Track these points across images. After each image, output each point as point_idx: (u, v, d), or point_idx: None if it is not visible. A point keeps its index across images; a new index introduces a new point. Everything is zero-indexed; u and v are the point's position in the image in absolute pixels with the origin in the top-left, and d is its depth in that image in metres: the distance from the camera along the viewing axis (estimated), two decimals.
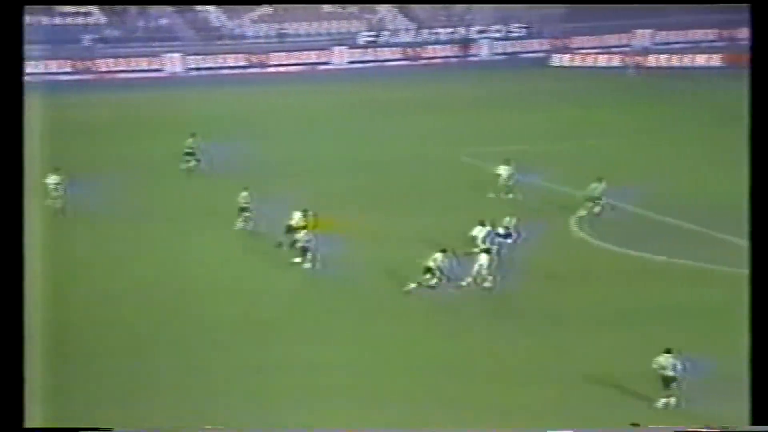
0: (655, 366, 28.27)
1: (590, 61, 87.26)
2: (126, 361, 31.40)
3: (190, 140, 52.42)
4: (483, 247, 37.21)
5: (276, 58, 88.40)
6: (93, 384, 30.07)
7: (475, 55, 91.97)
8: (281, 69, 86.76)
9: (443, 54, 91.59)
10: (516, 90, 76.95)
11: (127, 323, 34.25)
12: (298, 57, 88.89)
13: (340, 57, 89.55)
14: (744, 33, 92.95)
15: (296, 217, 40.06)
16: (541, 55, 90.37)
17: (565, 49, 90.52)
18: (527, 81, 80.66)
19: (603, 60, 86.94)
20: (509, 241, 38.66)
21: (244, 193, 43.73)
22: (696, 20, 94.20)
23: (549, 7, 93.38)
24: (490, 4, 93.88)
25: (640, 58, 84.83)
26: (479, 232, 37.90)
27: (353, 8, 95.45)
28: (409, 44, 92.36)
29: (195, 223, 44.18)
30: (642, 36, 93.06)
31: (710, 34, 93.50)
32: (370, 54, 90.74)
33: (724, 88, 73.89)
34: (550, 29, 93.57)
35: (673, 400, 28.05)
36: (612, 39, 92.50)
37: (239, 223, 43.37)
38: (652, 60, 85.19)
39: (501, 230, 38.64)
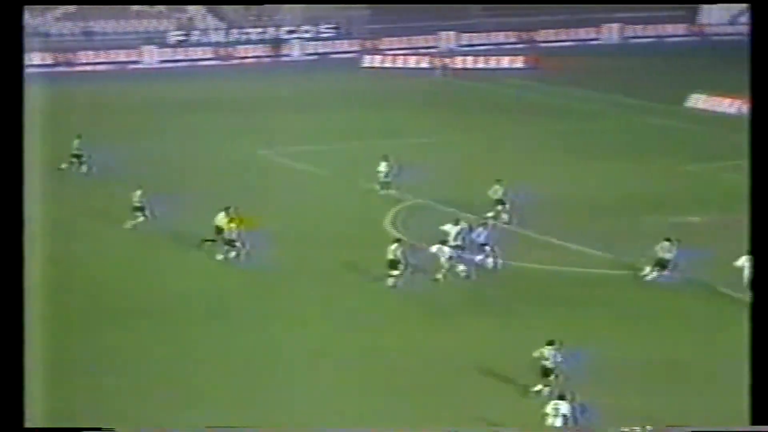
0: (536, 356, 29.42)
1: (400, 62, 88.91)
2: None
3: (77, 142, 52.33)
4: (454, 243, 38.33)
5: (84, 56, 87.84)
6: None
7: (287, 55, 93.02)
8: (88, 68, 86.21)
9: (255, 54, 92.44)
10: (328, 90, 78.21)
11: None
12: (106, 56, 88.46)
13: (151, 56, 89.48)
14: (542, 35, 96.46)
15: (220, 216, 40.39)
16: (352, 56, 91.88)
17: (375, 51, 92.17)
18: (339, 81, 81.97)
19: (412, 61, 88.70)
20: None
21: (138, 192, 43.61)
22: (498, 23, 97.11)
23: (357, 7, 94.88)
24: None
25: (447, 60, 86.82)
26: (452, 229, 38.92)
27: (162, 7, 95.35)
28: (219, 44, 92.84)
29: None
30: (447, 38, 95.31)
31: (512, 36, 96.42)
32: (180, 53, 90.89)
33: (527, 89, 76.92)
34: (359, 30, 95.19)
35: (547, 389, 29.04)
36: (419, 41, 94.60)
37: (130, 223, 43.43)
38: (459, 62, 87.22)
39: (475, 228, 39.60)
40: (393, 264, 37.36)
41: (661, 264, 37.87)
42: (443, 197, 47.98)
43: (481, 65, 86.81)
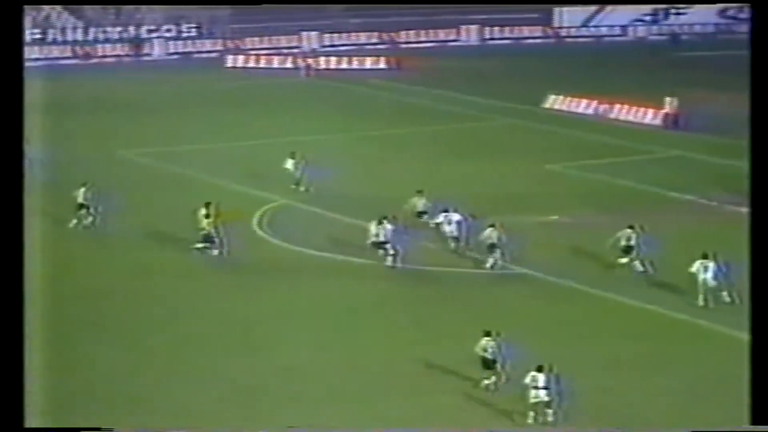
0: (476, 349, 30.30)
1: (263, 63, 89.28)
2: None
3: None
4: (377, 240, 40.08)
5: None
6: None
7: (148, 55, 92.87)
8: None
9: (114, 53, 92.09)
10: (190, 90, 78.36)
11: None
12: None
13: None
14: (403, 36, 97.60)
15: (201, 213, 40.83)
16: (215, 55, 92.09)
17: (238, 51, 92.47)
18: (202, 82, 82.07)
19: (276, 61, 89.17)
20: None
21: (82, 189, 43.48)
22: (360, 24, 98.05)
23: (220, 6, 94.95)
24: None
25: (310, 60, 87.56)
26: (380, 228, 40.08)
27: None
28: (77, 42, 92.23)
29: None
30: (309, 39, 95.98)
31: (373, 36, 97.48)
32: (36, 52, 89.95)
33: (389, 90, 78.01)
34: (222, 30, 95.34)
35: (493, 379, 29.96)
36: (282, 41, 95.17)
37: (75, 222, 43.34)
38: (322, 62, 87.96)
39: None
40: (380, 245, 39.73)
41: (627, 252, 39.62)
42: (309, 198, 48.99)
43: (344, 66, 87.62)
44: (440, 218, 41.94)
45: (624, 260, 39.74)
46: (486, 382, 30.20)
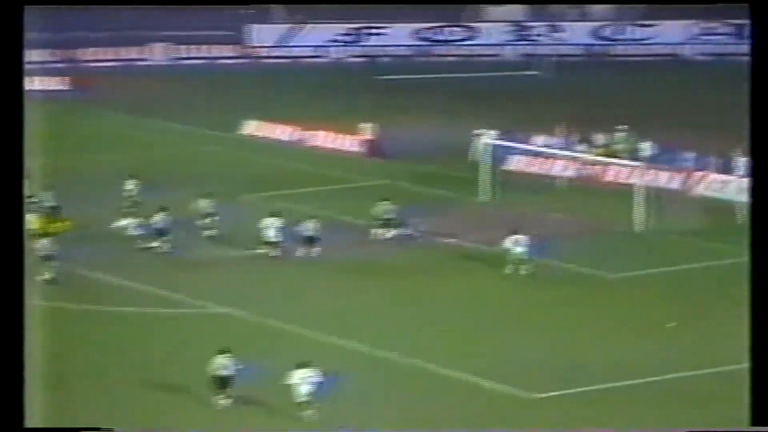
0: (210, 368, 30.40)
1: None
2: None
3: None
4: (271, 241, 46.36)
5: None
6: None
7: None
8: None
9: None
10: None
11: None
12: None
13: None
14: (87, 54, 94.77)
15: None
16: None
17: None
18: None
19: None
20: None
21: None
22: (36, 40, 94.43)
23: None
24: None
25: None
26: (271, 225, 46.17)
27: None
28: None
29: None
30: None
31: (56, 54, 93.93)
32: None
33: (76, 114, 75.75)
34: None
35: (230, 400, 30.52)
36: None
37: None
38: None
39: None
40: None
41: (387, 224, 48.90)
42: None
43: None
44: None
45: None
46: (221, 402, 30.76)
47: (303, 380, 30.50)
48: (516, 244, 45.12)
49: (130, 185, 53.10)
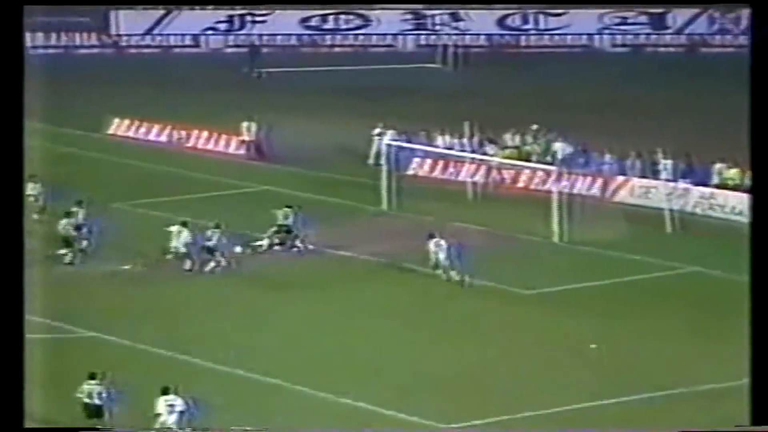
0: (80, 395, 30.23)
1: None
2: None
3: None
4: (182, 251, 47.25)
5: None
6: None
7: None
8: None
9: None
10: None
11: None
12: None
13: None
14: None
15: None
16: None
17: None
18: None
19: None
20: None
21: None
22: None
23: None
24: None
25: None
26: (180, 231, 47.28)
27: None
28: None
29: None
30: None
31: None
32: None
33: None
34: None
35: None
36: None
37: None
38: None
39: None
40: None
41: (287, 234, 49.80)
42: None
43: None
44: None
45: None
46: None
47: (167, 409, 30.71)
48: (438, 248, 45.75)
49: None
